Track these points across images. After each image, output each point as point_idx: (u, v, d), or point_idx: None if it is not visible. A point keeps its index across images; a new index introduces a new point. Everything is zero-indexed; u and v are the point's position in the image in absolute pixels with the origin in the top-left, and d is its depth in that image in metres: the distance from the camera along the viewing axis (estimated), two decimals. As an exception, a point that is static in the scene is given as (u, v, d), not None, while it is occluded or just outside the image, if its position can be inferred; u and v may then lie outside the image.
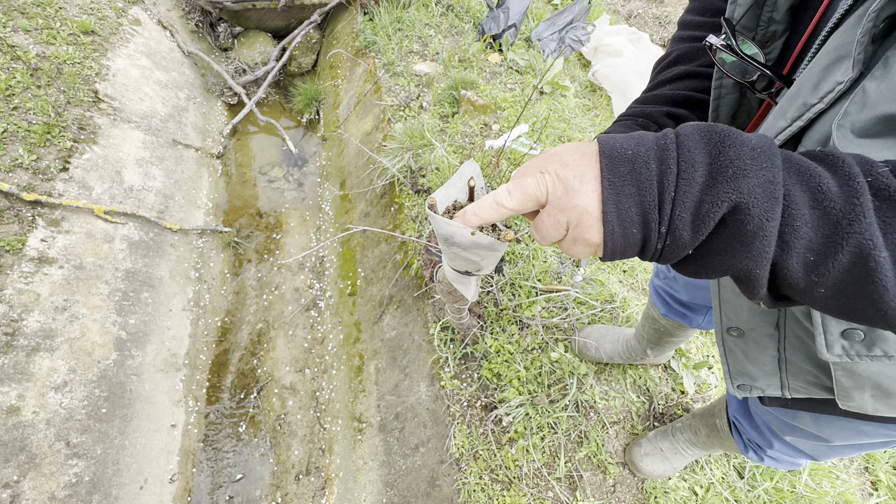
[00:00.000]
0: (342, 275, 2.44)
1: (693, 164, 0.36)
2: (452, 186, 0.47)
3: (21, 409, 1.61)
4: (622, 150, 0.38)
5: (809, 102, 0.41)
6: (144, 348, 2.04)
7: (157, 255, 2.31)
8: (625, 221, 0.38)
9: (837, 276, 0.33)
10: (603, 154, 0.38)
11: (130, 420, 1.85)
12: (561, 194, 0.39)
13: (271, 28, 3.73)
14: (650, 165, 0.37)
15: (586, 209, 0.39)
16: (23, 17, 2.46)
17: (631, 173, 0.37)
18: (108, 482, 1.68)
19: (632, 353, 1.49)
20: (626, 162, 0.37)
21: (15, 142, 2.07)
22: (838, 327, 0.47)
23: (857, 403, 0.56)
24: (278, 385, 2.18)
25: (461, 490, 1.44)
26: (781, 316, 0.59)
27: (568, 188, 0.39)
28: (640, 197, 0.37)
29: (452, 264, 0.53)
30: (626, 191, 0.37)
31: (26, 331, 1.73)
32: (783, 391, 0.66)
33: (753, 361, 0.66)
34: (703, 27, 0.71)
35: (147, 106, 2.74)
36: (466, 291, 0.66)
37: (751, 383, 0.70)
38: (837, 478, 1.52)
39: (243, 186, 2.99)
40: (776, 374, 0.65)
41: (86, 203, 2.11)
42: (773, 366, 0.64)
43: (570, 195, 0.39)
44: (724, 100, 0.62)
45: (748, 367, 0.68)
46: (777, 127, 0.44)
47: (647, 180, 0.36)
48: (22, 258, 1.84)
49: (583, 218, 0.39)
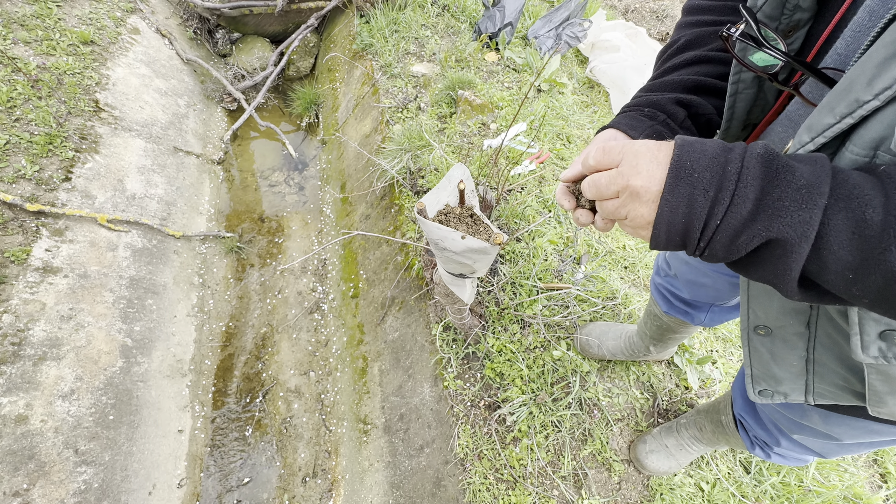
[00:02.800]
0: (344, 277, 2.45)
1: (744, 201, 0.40)
2: (442, 191, 0.47)
3: (29, 418, 1.63)
4: (689, 172, 0.42)
5: (862, 99, 0.38)
6: (150, 355, 2.05)
7: (160, 261, 2.33)
8: (671, 233, 0.44)
9: (876, 292, 0.36)
10: (671, 172, 0.42)
11: (138, 426, 1.86)
12: (626, 199, 0.46)
13: (269, 33, 3.74)
14: (708, 194, 0.41)
15: (641, 214, 0.45)
16: (22, 29, 2.48)
17: (689, 197, 0.42)
18: (116, 489, 1.69)
19: (634, 350, 1.49)
20: (688, 185, 0.42)
21: (17, 153, 2.09)
22: (877, 328, 0.46)
23: (890, 409, 0.54)
24: (283, 388, 2.19)
25: (466, 490, 1.44)
26: (813, 314, 0.57)
27: (633, 196, 0.45)
28: (688, 219, 0.42)
29: (446, 267, 0.53)
30: (680, 211, 0.42)
31: (33, 340, 1.75)
32: (807, 397, 0.64)
33: (780, 362, 0.64)
34: (712, 11, 0.68)
35: (147, 114, 2.76)
36: (462, 293, 0.66)
37: (774, 388, 0.67)
38: (846, 471, 1.51)
39: (245, 191, 3.00)
40: (802, 377, 0.62)
41: (89, 212, 2.13)
42: (800, 367, 0.62)
43: (632, 201, 0.45)
44: (742, 95, 0.60)
45: (773, 369, 0.65)
46: (824, 123, 0.42)
47: (701, 206, 0.41)
48: (27, 268, 1.86)
49: (635, 216, 0.46)
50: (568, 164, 2.25)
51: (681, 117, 0.65)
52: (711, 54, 0.66)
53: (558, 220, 1.96)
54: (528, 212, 1.94)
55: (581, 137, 2.48)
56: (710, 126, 0.68)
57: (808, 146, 0.43)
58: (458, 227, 0.47)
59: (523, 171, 2.11)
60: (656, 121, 0.64)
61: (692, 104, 0.65)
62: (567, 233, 1.93)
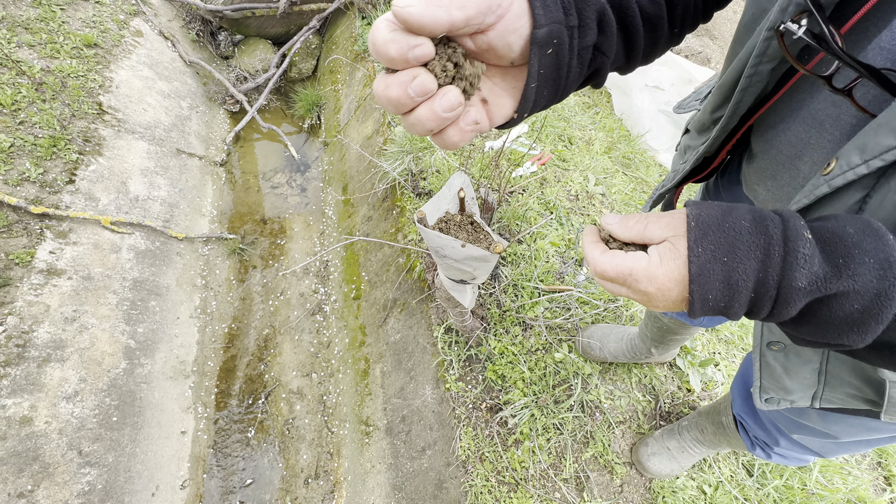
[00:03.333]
0: (346, 279, 2.45)
1: (787, 311, 0.37)
2: (442, 198, 0.47)
3: (34, 420, 1.64)
4: (714, 302, 0.38)
5: None
6: (153, 356, 2.06)
7: (163, 263, 2.34)
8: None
9: None
10: (692, 293, 0.39)
11: (141, 428, 1.87)
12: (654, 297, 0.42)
13: (271, 35, 3.75)
14: (738, 311, 0.38)
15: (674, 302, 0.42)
16: (27, 33, 2.50)
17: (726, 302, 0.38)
18: (120, 490, 1.70)
19: (636, 352, 1.48)
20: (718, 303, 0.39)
21: (22, 156, 2.11)
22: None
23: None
24: (286, 390, 2.20)
25: (468, 492, 1.45)
26: None
27: (650, 300, 0.42)
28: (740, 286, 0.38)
29: (447, 273, 0.53)
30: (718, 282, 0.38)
31: (37, 342, 1.76)
32: (813, 402, 0.63)
33: (793, 376, 0.63)
34: None
35: (150, 116, 2.77)
36: (463, 299, 0.66)
37: (783, 397, 0.66)
38: (849, 474, 1.50)
39: (247, 193, 3.01)
40: (813, 387, 0.62)
41: (92, 214, 2.14)
42: (812, 379, 0.61)
43: (662, 296, 0.41)
44: (752, 89, 0.53)
45: (785, 382, 0.64)
46: (882, 144, 0.38)
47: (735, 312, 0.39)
48: (31, 270, 1.87)
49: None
50: (569, 166, 2.24)
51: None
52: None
53: (560, 223, 1.96)
54: (530, 214, 1.94)
55: (582, 139, 2.48)
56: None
57: (859, 169, 0.39)
58: (459, 234, 0.48)
59: (525, 173, 2.11)
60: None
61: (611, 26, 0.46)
62: (569, 234, 1.93)
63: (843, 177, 0.40)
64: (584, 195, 2.12)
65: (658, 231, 0.42)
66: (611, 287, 0.44)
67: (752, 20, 0.54)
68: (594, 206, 2.10)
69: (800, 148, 0.54)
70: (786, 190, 0.58)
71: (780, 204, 0.61)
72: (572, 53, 0.41)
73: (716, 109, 0.64)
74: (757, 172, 0.64)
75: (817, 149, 0.51)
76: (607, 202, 2.17)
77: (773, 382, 0.65)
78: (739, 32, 0.57)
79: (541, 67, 0.39)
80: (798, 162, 0.54)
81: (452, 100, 0.36)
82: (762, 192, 0.65)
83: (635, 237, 0.43)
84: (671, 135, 2.68)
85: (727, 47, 3.86)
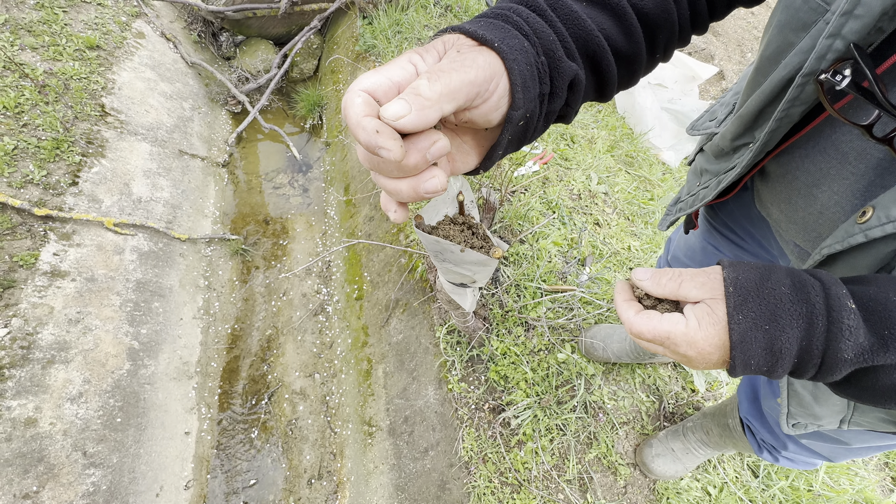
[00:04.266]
0: (349, 279, 2.45)
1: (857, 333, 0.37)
2: (440, 202, 0.47)
3: (38, 421, 1.65)
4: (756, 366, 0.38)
5: None
6: (157, 357, 2.07)
7: (166, 264, 2.34)
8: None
9: None
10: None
11: (145, 429, 1.88)
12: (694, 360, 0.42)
13: (272, 35, 3.75)
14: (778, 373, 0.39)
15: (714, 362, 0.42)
16: (30, 35, 2.51)
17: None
18: (124, 490, 1.71)
19: (640, 352, 1.47)
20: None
21: (25, 158, 2.12)
22: None
23: None
24: (289, 390, 2.20)
25: (471, 493, 1.44)
26: None
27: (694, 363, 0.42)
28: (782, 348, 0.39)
29: (447, 277, 0.53)
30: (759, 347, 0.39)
31: (41, 343, 1.77)
32: (842, 425, 0.62)
33: (822, 403, 0.62)
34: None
35: (153, 118, 2.78)
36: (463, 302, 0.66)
37: (811, 422, 0.65)
38: (856, 475, 1.49)
39: (249, 194, 3.02)
40: (843, 413, 0.61)
41: (96, 216, 2.15)
42: (842, 405, 0.60)
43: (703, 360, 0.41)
44: (780, 129, 0.52)
45: (815, 410, 0.63)
46: None
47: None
48: (35, 272, 1.88)
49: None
50: (572, 165, 2.23)
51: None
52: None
53: (562, 222, 1.95)
54: (532, 213, 1.93)
55: (585, 137, 2.47)
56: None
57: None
58: (457, 238, 0.47)
59: (527, 173, 2.10)
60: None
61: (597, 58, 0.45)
62: (571, 234, 1.92)
63: (882, 229, 0.40)
64: (586, 194, 2.11)
65: (693, 291, 0.41)
66: (647, 346, 0.44)
67: (776, 52, 0.52)
68: (597, 206, 2.09)
69: (818, 177, 0.52)
70: (801, 215, 0.57)
71: (795, 227, 0.59)
72: (540, 119, 0.42)
73: (736, 138, 0.63)
74: (772, 193, 0.63)
75: (838, 180, 0.49)
76: (610, 201, 2.15)
77: (801, 410, 0.64)
78: (762, 63, 0.56)
79: (511, 136, 0.40)
80: (815, 190, 0.53)
81: (437, 185, 0.36)
82: (776, 213, 0.64)
83: (669, 294, 0.43)
84: (674, 133, 2.66)
85: (731, 44, 3.82)
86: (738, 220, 0.82)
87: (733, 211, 0.82)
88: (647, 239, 2.04)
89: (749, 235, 0.82)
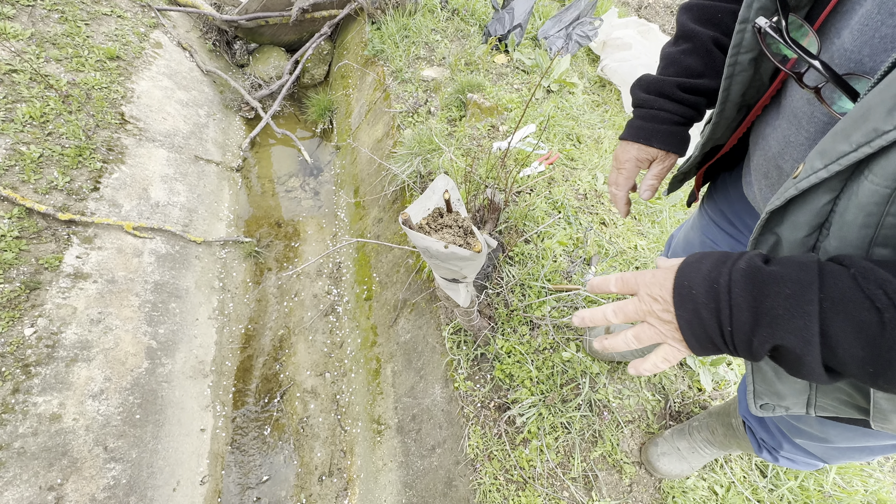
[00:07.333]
0: (358, 280, 2.50)
1: (741, 311, 0.43)
2: (428, 200, 0.50)
3: (62, 417, 1.72)
4: (689, 290, 0.47)
5: (882, 129, 0.36)
6: (174, 356, 2.14)
7: (183, 267, 2.42)
8: (701, 341, 0.47)
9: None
10: (675, 294, 0.48)
11: (162, 425, 1.94)
12: (657, 323, 0.51)
13: (284, 42, 3.84)
14: (710, 306, 0.45)
15: (673, 333, 0.50)
16: (54, 48, 2.62)
17: (694, 312, 0.46)
18: (143, 484, 1.77)
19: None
20: (690, 302, 0.47)
21: (50, 165, 2.21)
22: None
23: (892, 426, 0.54)
24: (300, 389, 2.25)
25: (477, 490, 1.46)
26: None
27: (660, 321, 0.51)
28: (704, 329, 0.46)
29: (438, 273, 0.55)
30: (694, 324, 0.47)
31: (65, 343, 1.85)
32: (808, 409, 0.64)
33: (785, 380, 0.64)
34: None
35: (170, 125, 2.87)
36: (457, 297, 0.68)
37: (777, 402, 0.67)
38: (870, 476, 1.46)
39: (262, 197, 3.09)
40: (805, 392, 0.63)
41: (116, 220, 2.23)
42: (804, 384, 0.62)
43: (662, 325, 0.51)
44: (738, 77, 0.60)
45: (777, 387, 0.65)
46: (838, 150, 0.40)
47: (708, 318, 0.46)
48: (59, 274, 1.97)
49: (670, 335, 0.51)
50: (578, 165, 2.24)
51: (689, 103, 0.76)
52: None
53: (567, 222, 1.96)
54: (537, 213, 1.94)
55: (591, 137, 2.47)
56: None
57: (820, 173, 0.42)
58: (445, 235, 0.50)
59: (532, 173, 2.12)
60: (665, 122, 0.77)
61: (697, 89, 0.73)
62: (577, 233, 1.93)
63: (808, 180, 0.43)
64: (592, 194, 2.11)
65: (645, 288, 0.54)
66: (640, 335, 0.54)
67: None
68: (603, 205, 2.09)
69: (783, 146, 0.55)
70: (775, 189, 0.59)
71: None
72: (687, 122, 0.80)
73: (713, 93, 0.71)
74: (755, 170, 0.65)
75: (796, 146, 0.52)
76: (617, 201, 2.15)
77: (765, 387, 0.65)
78: None
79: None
80: (781, 161, 0.55)
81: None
82: (757, 191, 0.65)
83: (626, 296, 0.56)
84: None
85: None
86: (738, 211, 0.83)
87: (729, 194, 0.83)
88: (654, 238, 2.03)
89: (746, 228, 0.83)
